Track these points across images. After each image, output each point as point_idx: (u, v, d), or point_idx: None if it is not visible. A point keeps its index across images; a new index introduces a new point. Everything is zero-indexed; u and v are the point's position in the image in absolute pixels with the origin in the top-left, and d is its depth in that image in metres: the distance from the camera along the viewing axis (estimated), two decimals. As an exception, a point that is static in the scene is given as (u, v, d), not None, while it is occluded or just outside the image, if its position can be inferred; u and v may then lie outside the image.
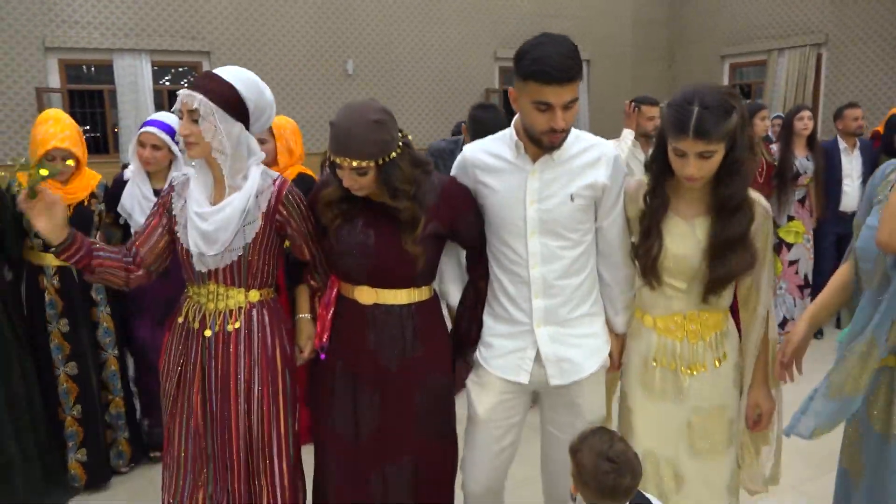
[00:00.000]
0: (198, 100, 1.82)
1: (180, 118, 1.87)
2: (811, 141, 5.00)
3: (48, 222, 1.77)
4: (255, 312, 1.98)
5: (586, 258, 1.95)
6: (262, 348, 1.97)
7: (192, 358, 1.97)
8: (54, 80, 8.61)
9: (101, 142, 9.25)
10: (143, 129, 3.14)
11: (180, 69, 10.05)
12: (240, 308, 1.97)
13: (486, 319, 2.04)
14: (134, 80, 8.99)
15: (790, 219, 5.03)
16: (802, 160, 4.97)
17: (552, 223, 1.88)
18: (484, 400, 2.00)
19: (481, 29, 11.04)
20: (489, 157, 1.96)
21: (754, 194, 1.86)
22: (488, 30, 11.12)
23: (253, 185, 1.94)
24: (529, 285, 1.91)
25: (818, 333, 4.93)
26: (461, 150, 2.13)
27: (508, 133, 1.94)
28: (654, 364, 1.92)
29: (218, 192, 1.97)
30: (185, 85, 1.87)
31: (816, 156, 5.00)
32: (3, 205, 2.81)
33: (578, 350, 1.95)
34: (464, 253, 2.13)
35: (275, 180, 1.98)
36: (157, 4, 9.11)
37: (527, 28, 11.41)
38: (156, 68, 9.30)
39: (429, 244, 1.92)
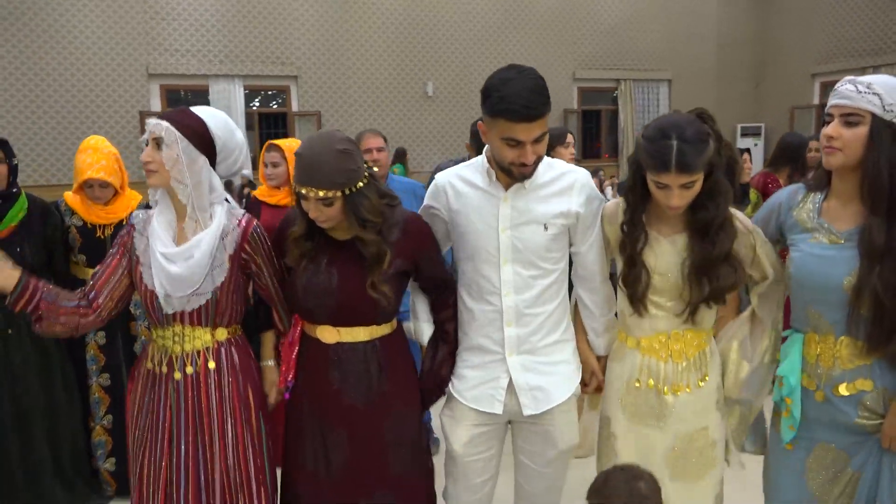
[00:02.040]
0: (164, 127, 1.81)
1: (145, 146, 1.85)
2: None
3: None
4: (223, 351, 1.94)
5: (558, 286, 1.95)
6: (233, 387, 1.93)
7: (160, 403, 1.91)
8: (156, 104, 9.23)
9: (196, 161, 9.81)
10: None
11: (269, 93, 10.55)
12: (207, 348, 1.92)
13: (458, 351, 2.02)
14: (227, 103, 9.51)
15: None
16: None
17: (525, 251, 1.88)
18: (459, 434, 1.98)
19: (560, 50, 11.07)
20: (462, 184, 1.95)
21: (731, 211, 1.85)
22: (567, 51, 11.14)
23: (219, 225, 1.90)
24: (502, 314, 1.90)
25: None
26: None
27: (480, 160, 1.94)
28: (638, 385, 1.91)
29: (181, 230, 1.92)
30: (159, 115, 1.89)
31: None
32: (54, 223, 2.96)
33: (550, 378, 1.94)
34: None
35: (240, 220, 1.94)
36: (250, 33, 9.63)
37: (606, 49, 11.37)
38: (247, 92, 9.81)
39: (394, 281, 1.89)
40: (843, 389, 1.71)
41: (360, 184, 1.81)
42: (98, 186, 2.99)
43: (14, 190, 2.87)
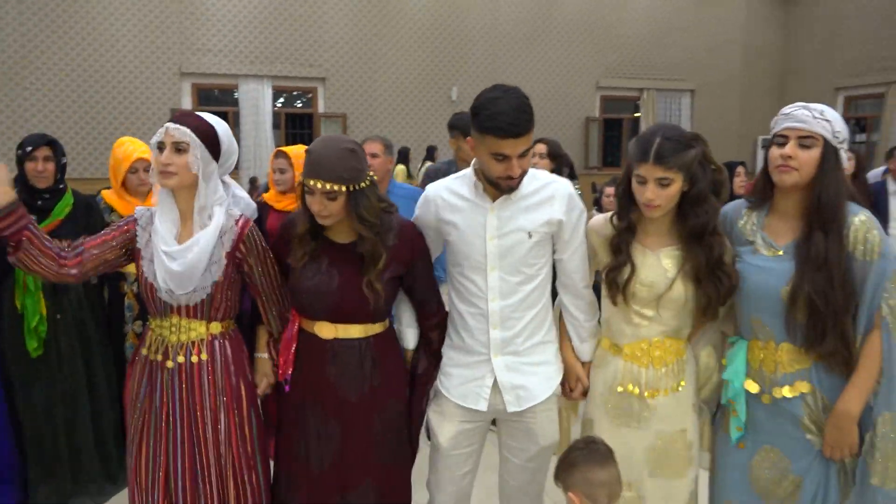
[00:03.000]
0: (188, 134, 1.93)
1: (160, 150, 1.93)
2: (854, 181, 4.78)
3: None
4: (217, 344, 2.03)
5: (541, 290, 2.07)
6: (225, 379, 2.02)
7: (155, 391, 2.01)
8: (187, 103, 9.46)
9: (223, 159, 10.02)
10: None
11: (296, 93, 10.75)
12: (202, 340, 2.02)
13: (446, 350, 2.15)
14: (255, 103, 9.72)
15: None
16: None
17: (511, 259, 2.00)
18: (445, 429, 2.10)
19: (584, 58, 11.15)
20: (451, 196, 2.08)
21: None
22: (592, 59, 11.21)
23: (217, 225, 1.99)
24: (487, 317, 2.03)
25: None
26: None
27: (468, 173, 2.07)
28: (621, 389, 2.02)
29: (184, 229, 2.01)
30: (174, 119, 1.98)
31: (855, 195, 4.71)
32: (97, 217, 3.14)
33: (533, 377, 2.06)
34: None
35: (237, 220, 2.04)
36: (280, 34, 9.83)
37: (630, 58, 11.43)
38: (275, 92, 10.01)
39: (389, 285, 2.01)
40: (786, 392, 1.85)
41: (364, 184, 1.93)
42: (143, 170, 3.15)
43: (61, 186, 3.05)
